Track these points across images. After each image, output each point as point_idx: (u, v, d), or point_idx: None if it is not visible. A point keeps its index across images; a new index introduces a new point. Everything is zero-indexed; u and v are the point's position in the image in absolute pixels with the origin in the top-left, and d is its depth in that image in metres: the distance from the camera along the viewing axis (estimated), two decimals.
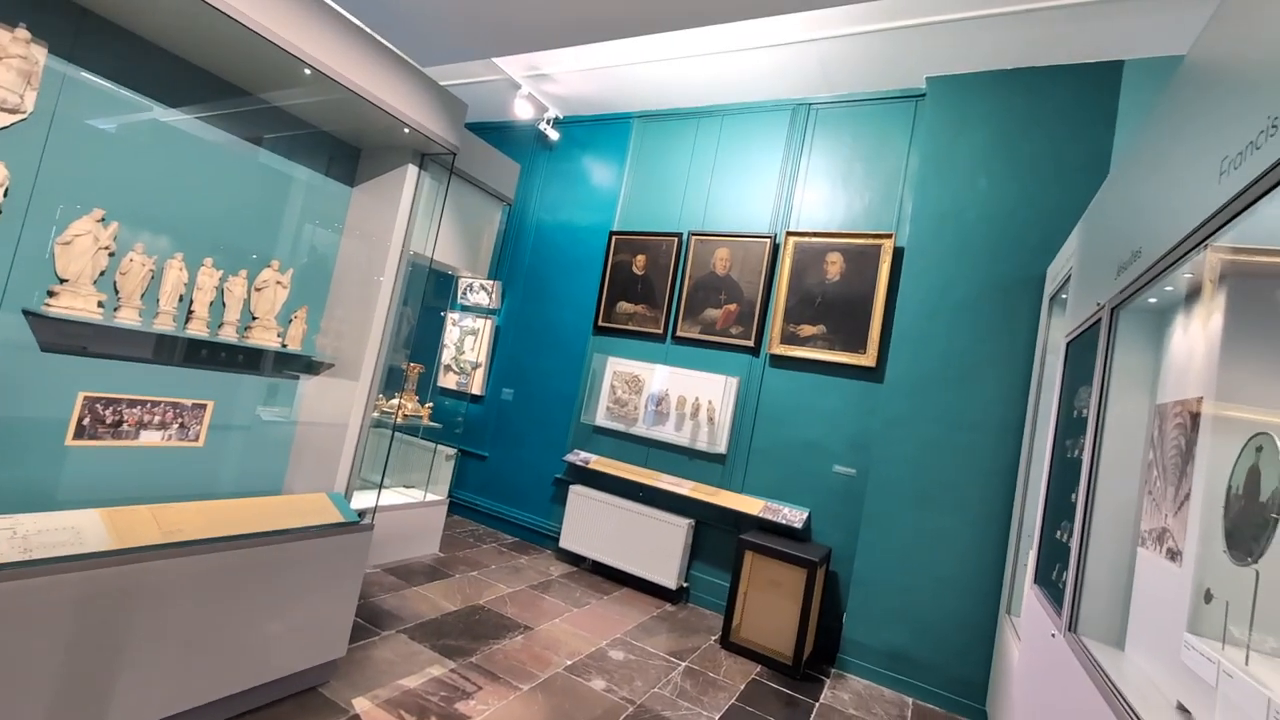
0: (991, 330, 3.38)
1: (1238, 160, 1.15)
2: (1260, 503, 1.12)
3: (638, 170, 4.86)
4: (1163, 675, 1.37)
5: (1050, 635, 1.86)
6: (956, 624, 3.25)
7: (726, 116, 4.53)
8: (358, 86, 2.32)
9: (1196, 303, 1.54)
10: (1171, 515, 1.42)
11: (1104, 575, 1.67)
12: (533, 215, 5.32)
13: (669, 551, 4.05)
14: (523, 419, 5.03)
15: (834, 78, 3.96)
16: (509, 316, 5.27)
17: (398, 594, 3.34)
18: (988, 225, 3.47)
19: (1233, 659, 1.12)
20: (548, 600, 3.67)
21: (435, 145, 2.70)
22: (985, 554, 3.23)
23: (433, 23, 3.20)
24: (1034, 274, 3.32)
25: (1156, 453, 1.58)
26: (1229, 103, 1.25)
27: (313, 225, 2.88)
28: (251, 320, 2.56)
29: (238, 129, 2.51)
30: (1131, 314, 1.78)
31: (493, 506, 5.04)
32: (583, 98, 4.86)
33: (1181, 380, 1.55)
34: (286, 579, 2.29)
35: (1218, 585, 1.23)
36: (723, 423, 4.15)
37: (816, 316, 3.98)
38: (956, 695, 3.20)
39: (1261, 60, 1.15)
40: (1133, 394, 1.73)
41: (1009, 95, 3.50)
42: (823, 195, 4.12)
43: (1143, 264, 1.56)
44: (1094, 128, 3.28)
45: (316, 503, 2.58)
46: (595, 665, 2.95)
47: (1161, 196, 1.54)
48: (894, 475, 3.51)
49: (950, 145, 3.62)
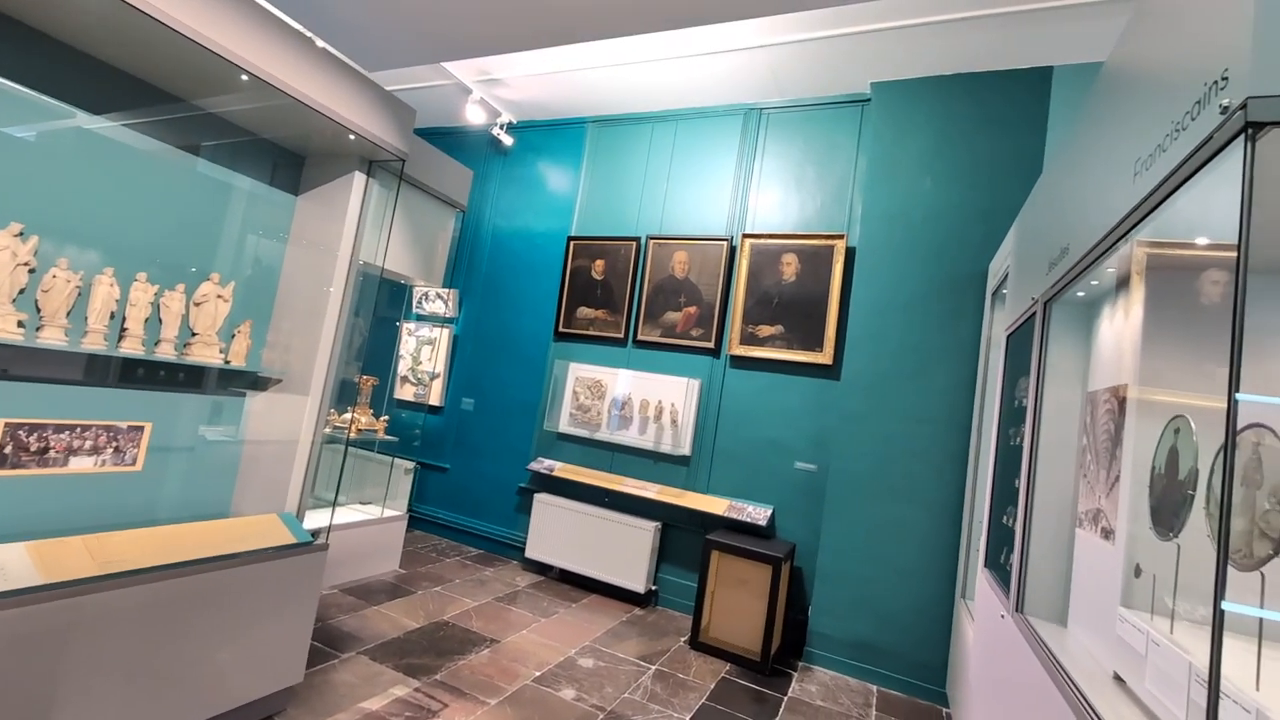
0: (940, 326, 3.51)
1: (1149, 161, 1.23)
2: (1179, 481, 1.19)
3: (594, 175, 4.86)
4: (1101, 648, 1.45)
5: (1000, 616, 1.94)
6: (916, 611, 3.35)
7: (681, 121, 4.58)
8: (298, 92, 2.26)
9: (1120, 295, 1.63)
10: (1104, 496, 1.50)
11: (1046, 556, 1.76)
12: (489, 222, 5.25)
13: (636, 555, 4.05)
14: (484, 429, 4.95)
15: (784, 83, 4.05)
16: (467, 325, 5.19)
17: (357, 614, 3.24)
18: (933, 225, 3.61)
19: (1160, 629, 1.20)
20: (515, 611, 3.62)
21: (383, 152, 2.64)
22: (941, 542, 3.34)
23: (377, 28, 3.14)
24: (977, 271, 3.47)
25: (1089, 438, 1.67)
26: (1141, 108, 1.34)
27: (255, 236, 2.78)
28: (191, 336, 2.44)
29: (172, 137, 2.40)
30: (1062, 307, 1.88)
31: (456, 519, 4.94)
32: (536, 102, 4.83)
33: (1109, 368, 1.65)
34: (236, 605, 2.19)
35: (1146, 560, 1.30)
36: (686, 424, 4.18)
37: (774, 317, 4.05)
38: (918, 680, 3.30)
39: (1166, 69, 1.23)
40: (1066, 383, 1.83)
41: (949, 100, 3.65)
42: (777, 198, 4.21)
43: (1070, 260, 1.64)
44: (1027, 130, 3.44)
45: (266, 524, 2.48)
46: (564, 674, 2.92)
47: (1084, 196, 1.63)
48: (853, 469, 3.60)
49: (895, 148, 3.75)
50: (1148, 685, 1.17)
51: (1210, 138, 0.98)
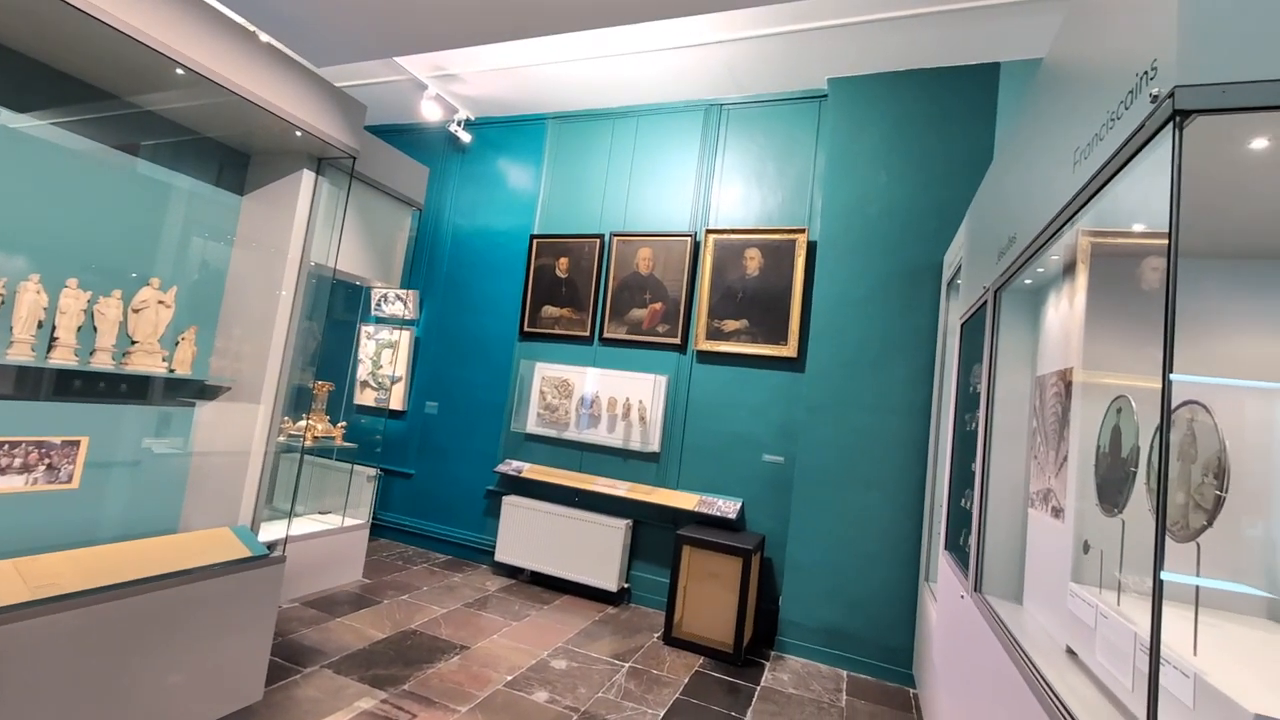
0: (899, 317, 3.59)
1: (1087, 150, 1.27)
2: (1122, 458, 1.24)
3: (555, 172, 4.81)
4: (1054, 623, 1.50)
5: (960, 597, 1.99)
6: (883, 596, 3.43)
7: (641, 117, 4.57)
8: (239, 88, 2.16)
9: (1064, 282, 1.69)
10: (1054, 476, 1.56)
11: (1002, 537, 1.81)
12: (448, 220, 5.15)
13: (608, 554, 4.03)
14: (449, 432, 4.86)
15: (742, 79, 4.08)
16: (429, 327, 5.08)
17: (320, 627, 3.14)
18: (890, 218, 3.68)
19: (1108, 602, 1.24)
20: (485, 616, 3.57)
21: (332, 149, 2.56)
22: (905, 527, 3.42)
23: (325, 22, 3.03)
24: (933, 262, 3.55)
25: (1039, 420, 1.73)
26: (1079, 100, 1.38)
27: (199, 238, 2.66)
28: (131, 345, 2.32)
29: (106, 136, 2.28)
30: (1012, 295, 1.93)
31: (422, 525, 4.84)
32: (494, 99, 4.75)
33: (1056, 353, 1.70)
34: (187, 624, 2.09)
35: (1093, 536, 1.35)
36: (654, 421, 4.18)
37: (739, 311, 4.08)
38: (886, 663, 3.38)
39: (1102, 61, 1.27)
40: (1016, 368, 1.88)
41: (903, 96, 3.73)
42: (739, 193, 4.23)
43: (1017, 248, 1.69)
44: (977, 125, 3.55)
45: (218, 538, 2.38)
46: (537, 677, 2.89)
47: (1029, 186, 1.68)
48: (819, 460, 3.65)
49: (852, 144, 3.82)
50: (1098, 656, 1.22)
51: (1142, 126, 1.01)
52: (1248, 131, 1.06)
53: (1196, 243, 1.57)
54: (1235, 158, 1.17)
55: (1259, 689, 0.89)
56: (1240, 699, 0.84)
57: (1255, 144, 1.09)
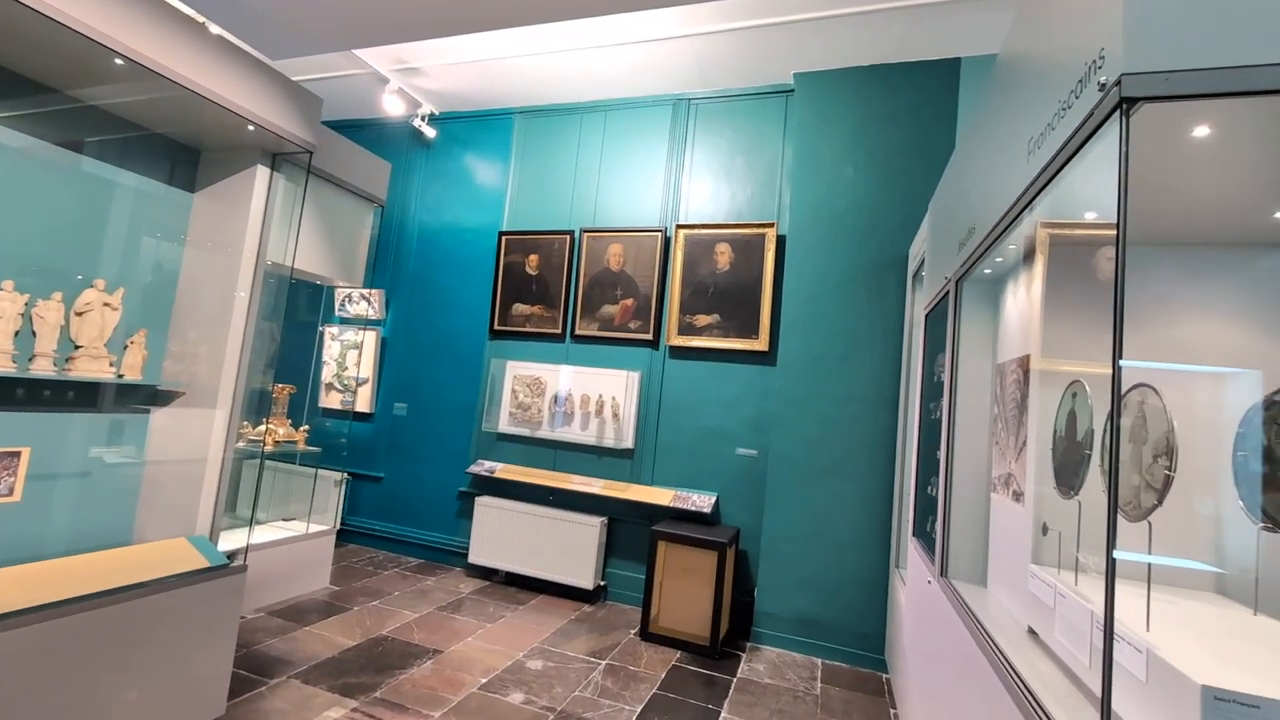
0: (868, 309, 3.63)
1: (1040, 140, 1.29)
2: (1077, 441, 1.27)
3: (523, 168, 4.75)
4: (1016, 605, 1.53)
5: (927, 582, 2.03)
6: (855, 584, 3.48)
7: (610, 112, 4.54)
8: (186, 80, 2.07)
9: (1022, 271, 1.72)
10: (1014, 461, 1.59)
11: (966, 522, 1.85)
12: (414, 217, 5.04)
13: (584, 552, 4.01)
14: (419, 433, 4.77)
15: (710, 74, 4.07)
16: (396, 326, 4.98)
17: (286, 637, 3.05)
18: (857, 212, 3.73)
19: (1066, 582, 1.27)
20: (459, 620, 3.51)
21: (288, 144, 2.47)
22: (876, 516, 3.48)
23: (279, 14, 2.93)
24: (899, 254, 3.61)
25: (1000, 407, 1.77)
26: (1033, 91, 1.40)
27: (147, 237, 2.55)
28: (74, 350, 2.21)
29: (46, 132, 2.16)
30: (972, 285, 1.97)
31: (392, 529, 4.74)
32: (459, 93, 4.67)
33: (1015, 340, 1.74)
34: (143, 639, 2.01)
35: (1052, 518, 1.38)
36: (628, 418, 4.17)
37: (710, 306, 4.09)
38: (860, 650, 3.43)
39: (1054, 52, 1.29)
40: (978, 356, 1.92)
41: (867, 91, 3.77)
42: (708, 188, 4.24)
43: (976, 239, 1.72)
44: (940, 119, 3.61)
45: (174, 549, 2.29)
46: (512, 679, 2.85)
47: (986, 177, 1.71)
48: (791, 451, 3.68)
49: (819, 138, 3.85)
50: (1057, 635, 1.25)
51: (1091, 114, 1.03)
52: (1192, 120, 1.09)
53: (1147, 231, 1.62)
54: (1182, 146, 1.20)
55: (1207, 662, 0.92)
56: (1189, 672, 0.86)
57: (1199, 132, 1.13)
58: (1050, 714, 1.01)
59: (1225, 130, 1.13)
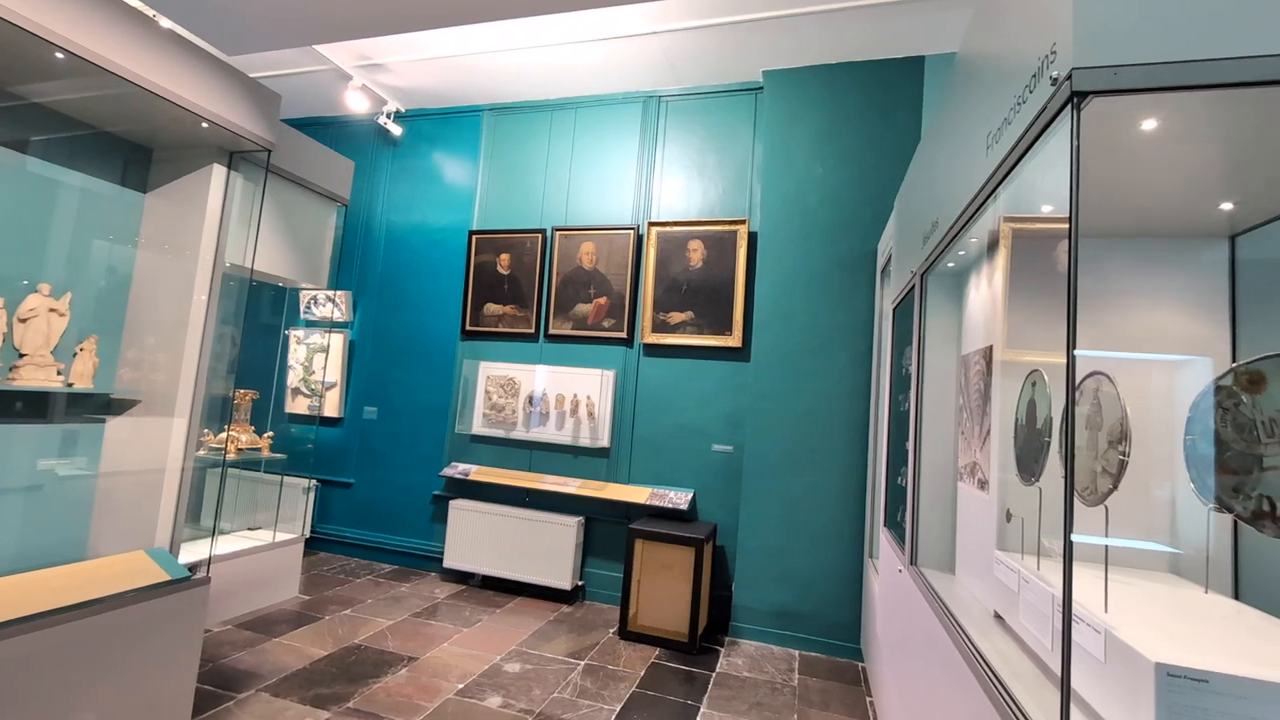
0: (839, 304, 3.68)
1: (998, 135, 1.32)
2: (1037, 429, 1.30)
3: (493, 166, 4.69)
4: (983, 591, 1.57)
5: (898, 571, 2.06)
6: (831, 575, 3.53)
7: (580, 109, 4.51)
8: (134, 75, 1.99)
9: (984, 264, 1.76)
10: (979, 450, 1.62)
11: (934, 511, 1.88)
12: (381, 217, 4.94)
13: (561, 553, 3.98)
14: (390, 437, 4.68)
15: (680, 70, 4.07)
16: (364, 328, 4.88)
17: (255, 649, 2.96)
18: (827, 208, 3.77)
19: (1029, 567, 1.30)
20: (434, 625, 3.46)
21: (245, 141, 2.39)
22: (850, 508, 3.53)
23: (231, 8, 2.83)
24: (868, 250, 3.66)
25: (964, 397, 1.80)
26: (991, 86, 1.43)
27: (98, 240, 2.45)
28: (19, 358, 2.11)
29: None
30: (937, 278, 2.00)
31: (364, 536, 4.65)
32: (425, 90, 4.59)
33: (978, 332, 1.77)
34: (99, 657, 1.93)
35: (1015, 505, 1.42)
36: (603, 417, 4.15)
37: (684, 303, 4.10)
38: (836, 640, 3.48)
39: (1009, 48, 1.32)
40: (943, 348, 1.96)
41: (836, 88, 3.82)
42: (680, 185, 4.24)
43: (939, 233, 1.75)
44: (906, 116, 3.67)
45: (132, 563, 2.20)
46: (490, 683, 2.82)
47: (948, 172, 1.74)
48: (766, 446, 3.71)
49: (789, 135, 3.88)
50: (1021, 619, 1.28)
51: (1044, 108, 1.05)
52: (1143, 114, 1.12)
53: (1102, 223, 1.66)
54: (1134, 140, 1.24)
55: (1161, 640, 0.95)
56: (1144, 650, 0.89)
57: (1150, 126, 1.16)
58: (1014, 696, 1.04)
59: (1174, 124, 1.17)
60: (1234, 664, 0.87)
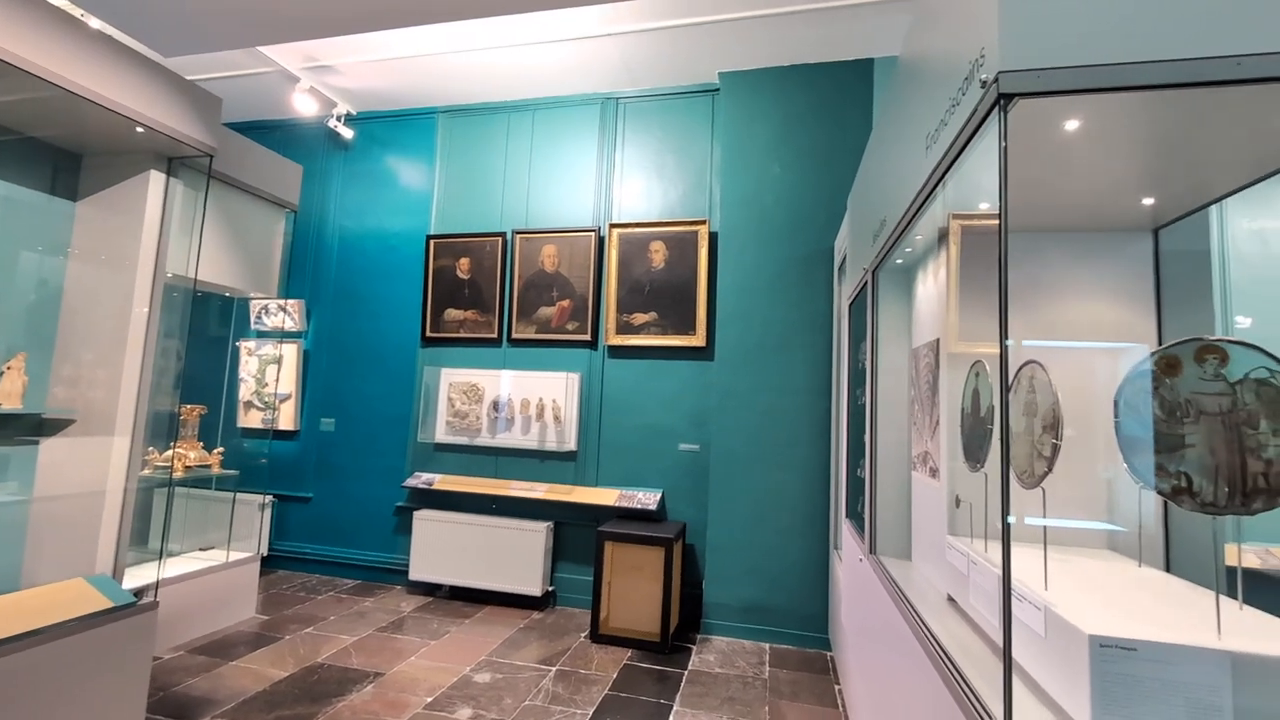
0: (799, 302, 3.75)
1: (935, 135, 1.37)
2: (980, 417, 1.35)
3: (450, 169, 4.62)
4: (936, 575, 1.62)
5: (859, 560, 2.12)
6: (799, 568, 3.59)
7: (538, 110, 4.48)
8: (57, 77, 1.89)
9: (929, 259, 1.82)
10: (930, 439, 1.68)
11: (891, 500, 1.94)
12: (334, 222, 4.81)
13: (530, 559, 3.95)
14: (350, 449, 4.56)
15: (636, 72, 4.09)
16: (319, 338, 4.74)
17: (211, 674, 2.85)
18: (785, 208, 3.84)
19: (978, 550, 1.35)
20: (401, 639, 3.38)
21: (184, 146, 2.30)
22: (815, 501, 3.60)
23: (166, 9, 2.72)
24: (826, 248, 3.74)
25: (916, 389, 1.86)
26: (928, 90, 1.48)
27: (24, 252, 2.32)
28: None
29: None
30: (887, 275, 2.06)
31: (325, 551, 4.51)
32: (377, 92, 4.49)
33: (926, 325, 1.83)
34: (37, 692, 1.82)
35: (963, 491, 1.47)
36: (569, 420, 4.13)
37: (647, 304, 4.11)
38: (805, 631, 3.54)
39: (945, 52, 1.37)
40: (895, 342, 2.02)
41: (790, 89, 3.89)
42: (640, 186, 4.26)
43: (887, 230, 1.81)
44: (857, 117, 3.76)
45: (72, 591, 2.09)
46: (459, 694, 2.77)
47: (893, 172, 1.80)
48: (732, 444, 3.76)
49: (746, 136, 3.94)
50: (971, 601, 1.33)
51: (975, 109, 1.10)
52: (1069, 114, 1.18)
53: (1038, 219, 1.74)
54: (1063, 139, 1.30)
55: (1097, 613, 1.00)
56: (1079, 624, 0.94)
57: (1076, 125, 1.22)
58: (965, 675, 1.08)
59: (1099, 123, 1.23)
60: (1161, 632, 0.92)
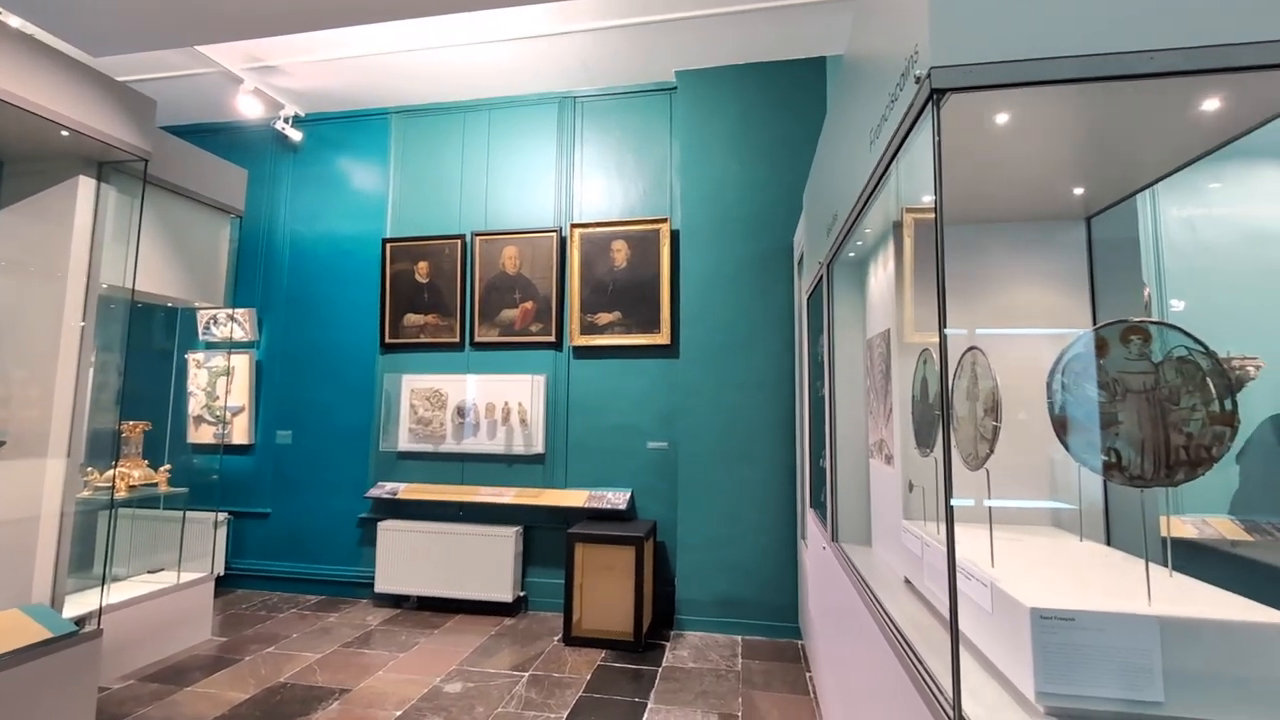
0: (761, 297, 3.80)
1: (878, 131, 1.40)
2: (929, 404, 1.39)
3: (405, 171, 4.53)
4: (894, 559, 1.66)
5: (823, 548, 2.16)
6: (769, 560, 3.64)
7: (494, 110, 4.43)
8: None
9: (879, 252, 1.87)
10: (884, 426, 1.72)
11: (851, 488, 1.98)
12: (284, 228, 4.66)
13: (499, 565, 3.90)
14: (308, 461, 4.43)
15: (594, 71, 4.08)
16: (272, 347, 4.58)
17: (163, 702, 2.72)
18: (745, 205, 3.88)
19: (930, 532, 1.39)
20: (368, 654, 3.30)
21: (116, 151, 2.20)
22: (782, 493, 3.65)
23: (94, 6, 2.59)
24: (785, 244, 3.80)
25: (870, 379, 1.91)
26: (871, 87, 1.52)
27: None
28: None
29: None
30: (841, 268, 2.11)
31: (286, 568, 4.37)
32: (325, 92, 4.37)
33: (879, 316, 1.88)
34: None
35: (916, 476, 1.51)
36: (536, 422, 4.10)
37: (611, 304, 4.11)
38: (776, 622, 3.59)
39: (884, 50, 1.41)
40: (851, 334, 2.06)
41: (747, 87, 3.94)
42: (601, 186, 4.25)
43: (838, 225, 1.85)
44: (812, 114, 3.83)
45: (6, 623, 1.97)
46: (430, 706, 2.72)
47: (841, 168, 1.84)
48: (700, 440, 3.78)
49: (704, 134, 3.97)
50: (926, 582, 1.37)
51: (911, 105, 1.13)
52: (1001, 107, 1.23)
53: (979, 210, 1.80)
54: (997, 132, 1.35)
55: (1038, 588, 1.04)
56: (1021, 598, 0.98)
57: (1007, 118, 1.27)
58: (916, 650, 1.11)
59: (1029, 116, 1.28)
60: (1099, 601, 0.97)
